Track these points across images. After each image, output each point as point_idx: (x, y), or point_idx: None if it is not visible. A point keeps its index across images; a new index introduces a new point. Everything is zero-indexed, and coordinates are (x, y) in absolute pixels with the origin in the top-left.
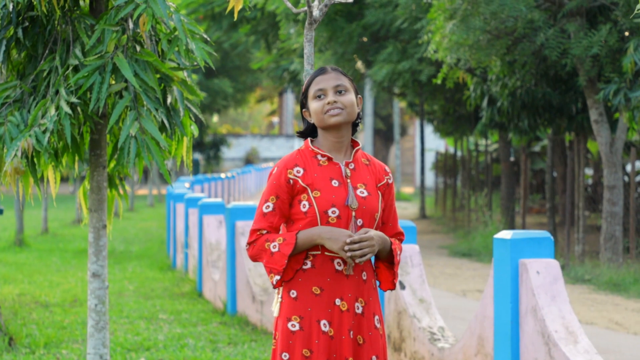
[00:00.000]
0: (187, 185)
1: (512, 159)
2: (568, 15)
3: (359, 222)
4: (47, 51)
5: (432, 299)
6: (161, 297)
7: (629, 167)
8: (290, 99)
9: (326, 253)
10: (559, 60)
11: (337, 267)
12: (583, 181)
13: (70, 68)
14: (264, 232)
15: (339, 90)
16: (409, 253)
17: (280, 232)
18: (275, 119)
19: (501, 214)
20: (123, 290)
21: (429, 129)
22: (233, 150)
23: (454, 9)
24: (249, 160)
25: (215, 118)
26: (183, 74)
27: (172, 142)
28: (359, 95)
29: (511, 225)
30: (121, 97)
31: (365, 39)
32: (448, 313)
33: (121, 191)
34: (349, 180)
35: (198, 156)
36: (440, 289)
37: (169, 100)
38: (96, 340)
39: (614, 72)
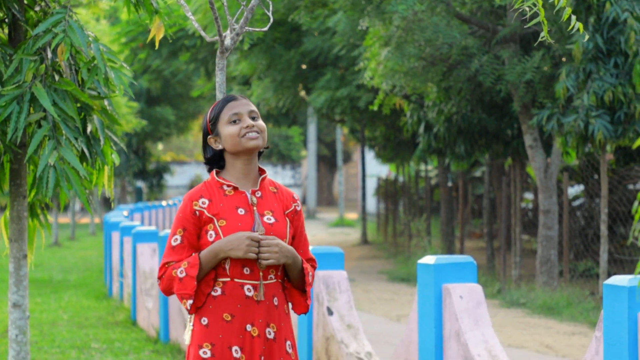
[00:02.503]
0: (125, 213)
1: (450, 184)
2: (502, 41)
3: None
4: None
5: (361, 324)
6: (95, 326)
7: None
8: None
9: (236, 280)
10: (493, 86)
11: (247, 293)
12: (520, 205)
13: None
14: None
15: (252, 117)
16: (337, 279)
17: None
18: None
19: (441, 239)
20: (57, 320)
21: (371, 155)
22: (177, 178)
23: (389, 36)
24: (194, 187)
25: (160, 146)
26: (104, 103)
27: (93, 171)
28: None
29: (450, 250)
30: (40, 126)
31: (304, 66)
32: (380, 339)
33: (42, 220)
34: (255, 208)
35: (141, 184)
36: (376, 314)
37: (89, 129)
38: None
39: (547, 98)
